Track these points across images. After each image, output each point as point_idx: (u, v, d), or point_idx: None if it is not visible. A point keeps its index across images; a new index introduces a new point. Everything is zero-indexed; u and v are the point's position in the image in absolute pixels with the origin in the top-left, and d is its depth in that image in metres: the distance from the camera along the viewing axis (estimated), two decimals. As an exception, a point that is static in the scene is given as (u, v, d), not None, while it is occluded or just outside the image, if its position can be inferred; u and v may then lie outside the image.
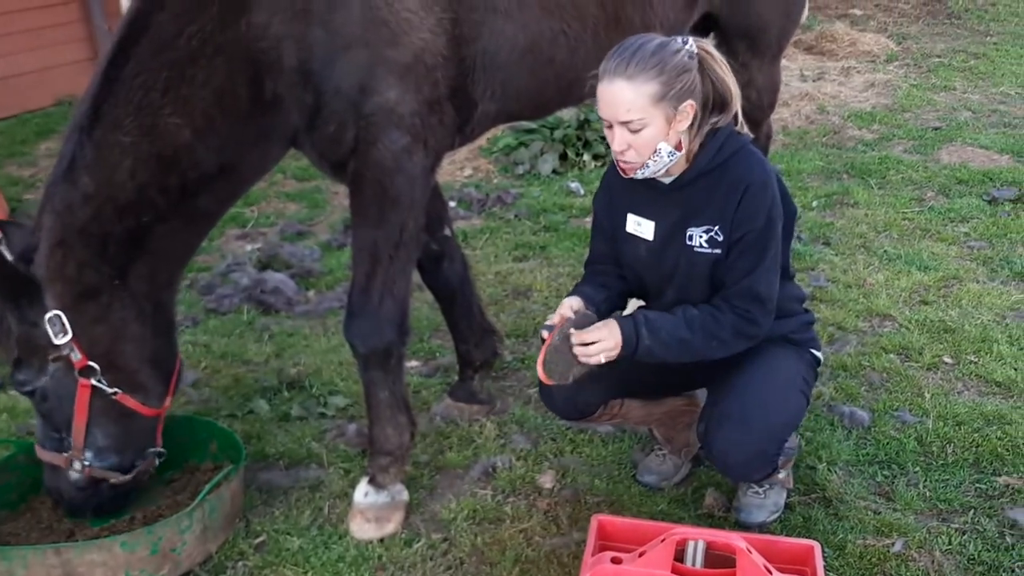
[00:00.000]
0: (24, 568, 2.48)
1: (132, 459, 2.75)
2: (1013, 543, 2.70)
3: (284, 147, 2.68)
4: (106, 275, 2.52)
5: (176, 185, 2.49)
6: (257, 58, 2.41)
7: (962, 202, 5.18)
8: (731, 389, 2.58)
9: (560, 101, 3.05)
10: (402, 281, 2.70)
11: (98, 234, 2.47)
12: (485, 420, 3.37)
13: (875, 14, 10.24)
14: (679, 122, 2.39)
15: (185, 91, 2.38)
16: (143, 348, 2.66)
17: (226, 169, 2.55)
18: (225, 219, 5.36)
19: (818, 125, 6.71)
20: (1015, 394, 3.42)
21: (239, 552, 2.78)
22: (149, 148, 2.41)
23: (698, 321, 2.48)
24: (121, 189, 2.43)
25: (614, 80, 2.34)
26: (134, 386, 2.66)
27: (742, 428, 2.52)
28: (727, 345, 2.52)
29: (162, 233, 2.55)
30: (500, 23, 2.65)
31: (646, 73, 2.33)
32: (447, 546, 2.78)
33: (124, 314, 2.59)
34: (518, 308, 4.23)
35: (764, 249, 2.47)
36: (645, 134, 2.37)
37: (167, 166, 2.45)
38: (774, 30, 3.60)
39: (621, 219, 2.66)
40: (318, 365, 3.79)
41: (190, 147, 2.44)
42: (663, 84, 2.33)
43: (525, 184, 5.89)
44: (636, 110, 2.34)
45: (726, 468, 2.65)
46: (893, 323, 3.95)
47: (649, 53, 2.34)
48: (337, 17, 2.41)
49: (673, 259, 2.58)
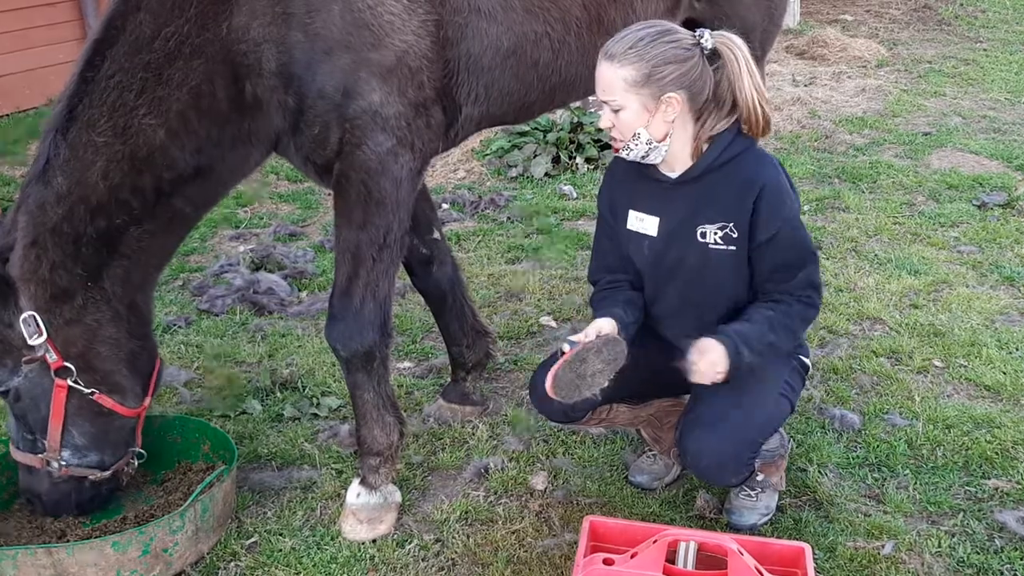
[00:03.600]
0: (15, 568, 2.48)
1: (111, 457, 2.75)
2: (1002, 546, 2.72)
3: (266, 151, 2.68)
4: (79, 276, 2.52)
5: (150, 186, 2.48)
6: (237, 61, 2.41)
7: (952, 207, 5.21)
8: (707, 394, 2.58)
9: (544, 104, 3.05)
10: (384, 283, 2.69)
11: (71, 234, 2.46)
12: (478, 421, 3.38)
13: (866, 20, 10.29)
14: (661, 112, 2.42)
15: (161, 92, 2.38)
16: (119, 349, 2.66)
17: (203, 171, 2.55)
18: (218, 220, 5.46)
19: (809, 130, 6.74)
20: (1004, 398, 3.44)
21: (231, 553, 2.77)
22: (122, 148, 2.40)
23: (777, 321, 2.55)
24: (94, 189, 2.43)
25: (600, 59, 2.46)
26: (111, 386, 2.66)
27: (713, 432, 2.54)
28: (798, 334, 2.63)
29: (136, 235, 2.55)
30: (484, 25, 2.65)
31: (626, 58, 2.40)
32: (439, 547, 2.78)
33: (99, 316, 2.59)
34: (511, 310, 4.24)
35: (803, 239, 2.57)
36: (623, 116, 2.46)
37: (141, 167, 2.44)
38: (757, 33, 3.61)
39: (622, 215, 2.67)
40: (311, 366, 3.80)
41: (165, 148, 2.44)
42: (639, 72, 2.39)
43: (518, 187, 5.90)
44: (610, 91, 2.44)
45: (699, 472, 2.66)
46: (883, 327, 3.97)
47: (638, 39, 2.40)
48: (318, 20, 2.41)
49: (678, 256, 2.59)
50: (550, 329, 4.07)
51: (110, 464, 2.75)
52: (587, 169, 6.05)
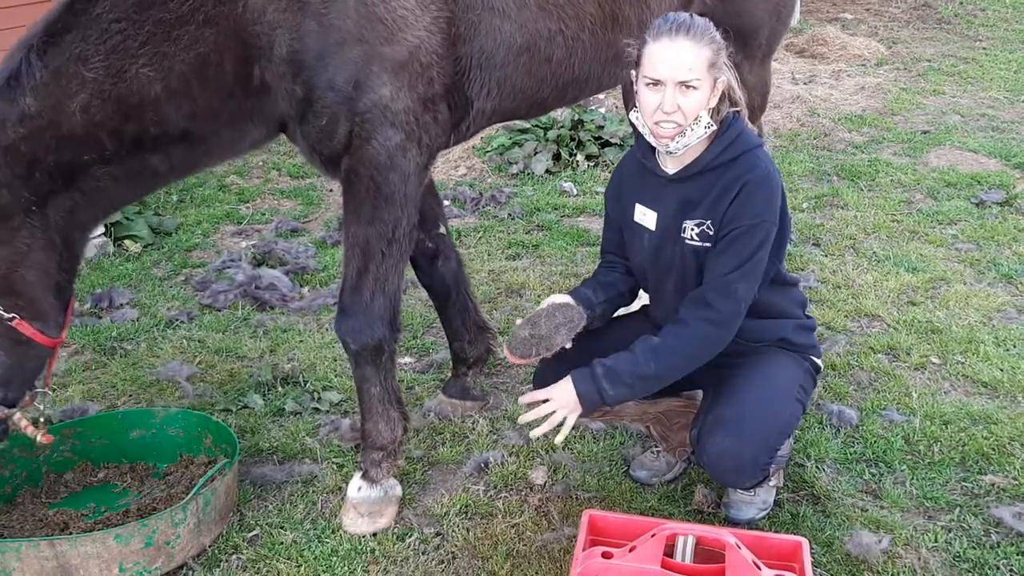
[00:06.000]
0: (18, 560, 2.50)
1: (18, 392, 2.67)
2: (998, 541, 2.74)
3: (267, 133, 2.66)
4: (24, 199, 2.44)
5: (131, 134, 2.44)
6: (249, 41, 2.41)
7: (950, 205, 5.23)
8: (726, 395, 2.59)
9: (557, 100, 3.07)
10: (394, 278, 2.71)
11: (27, 156, 2.39)
12: (478, 416, 3.40)
13: (866, 18, 10.30)
14: (713, 95, 2.47)
15: (166, 48, 2.35)
16: (47, 278, 2.57)
17: (192, 138, 2.52)
18: (220, 216, 5.48)
19: (809, 127, 6.76)
20: (1001, 394, 3.46)
21: (233, 545, 2.79)
22: (112, 89, 2.37)
23: (660, 348, 2.49)
24: (69, 120, 2.38)
25: (677, 38, 2.40)
26: (34, 314, 2.57)
27: (735, 436, 2.53)
28: (696, 359, 2.53)
29: (98, 175, 2.49)
30: (497, 22, 2.66)
31: (705, 37, 2.42)
32: (439, 540, 2.80)
33: (32, 241, 2.49)
34: (511, 306, 4.25)
35: (752, 250, 2.47)
36: (694, 96, 2.42)
37: (127, 113, 2.40)
38: (765, 30, 3.64)
39: (630, 208, 2.70)
40: (312, 361, 3.81)
41: (158, 103, 2.41)
42: (715, 52, 2.43)
43: (519, 183, 5.92)
44: (696, 69, 2.40)
45: (717, 474, 2.66)
46: (881, 323, 3.99)
47: (702, 23, 2.45)
48: (332, 11, 2.42)
49: (670, 251, 2.61)
50: (550, 325, 4.08)
51: (15, 400, 2.66)
52: (587, 166, 6.07)
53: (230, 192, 5.95)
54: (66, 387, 3.68)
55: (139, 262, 4.91)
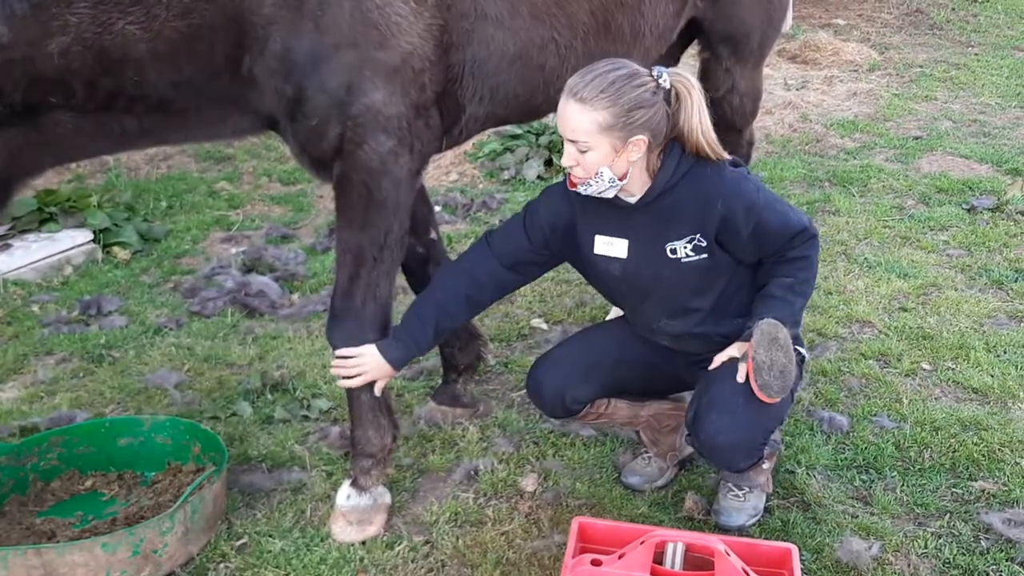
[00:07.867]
0: (5, 568, 2.48)
1: None
2: (988, 547, 2.73)
3: (253, 124, 2.63)
4: None
5: (106, 89, 2.36)
6: (244, 29, 2.38)
7: (942, 211, 5.24)
8: (720, 380, 2.62)
9: (549, 106, 3.07)
10: (385, 284, 2.70)
11: None
12: (468, 423, 3.39)
13: (858, 24, 10.33)
14: (627, 152, 2.46)
15: (158, 11, 2.30)
16: None
17: (170, 108, 2.46)
18: (210, 222, 5.46)
19: (801, 133, 6.77)
20: (991, 400, 3.46)
21: (221, 554, 2.77)
22: (95, 39, 2.28)
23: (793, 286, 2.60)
24: (44, 59, 2.28)
25: (568, 100, 2.43)
26: None
27: (730, 413, 2.56)
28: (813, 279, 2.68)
29: (60, 121, 2.39)
30: (491, 30, 2.66)
31: (599, 101, 2.39)
32: (429, 548, 2.79)
33: None
34: (502, 312, 4.24)
35: (779, 211, 2.59)
36: (590, 156, 2.45)
37: (107, 66, 2.33)
38: (756, 36, 3.65)
39: (587, 242, 2.71)
40: (301, 368, 3.80)
41: (141, 64, 2.34)
42: (613, 115, 2.39)
43: (510, 189, 5.91)
44: (582, 133, 2.42)
45: (713, 451, 2.66)
46: (872, 329, 3.99)
47: (609, 82, 2.40)
48: (328, 14, 2.41)
49: (652, 274, 2.65)
50: (541, 331, 4.08)
51: None
52: (579, 172, 6.06)
53: (220, 198, 5.94)
54: (54, 395, 3.66)
55: (128, 269, 4.89)
